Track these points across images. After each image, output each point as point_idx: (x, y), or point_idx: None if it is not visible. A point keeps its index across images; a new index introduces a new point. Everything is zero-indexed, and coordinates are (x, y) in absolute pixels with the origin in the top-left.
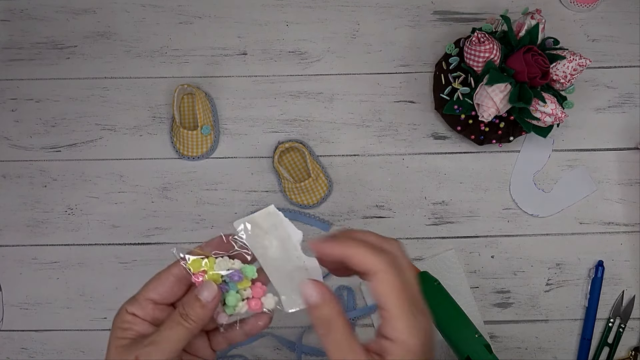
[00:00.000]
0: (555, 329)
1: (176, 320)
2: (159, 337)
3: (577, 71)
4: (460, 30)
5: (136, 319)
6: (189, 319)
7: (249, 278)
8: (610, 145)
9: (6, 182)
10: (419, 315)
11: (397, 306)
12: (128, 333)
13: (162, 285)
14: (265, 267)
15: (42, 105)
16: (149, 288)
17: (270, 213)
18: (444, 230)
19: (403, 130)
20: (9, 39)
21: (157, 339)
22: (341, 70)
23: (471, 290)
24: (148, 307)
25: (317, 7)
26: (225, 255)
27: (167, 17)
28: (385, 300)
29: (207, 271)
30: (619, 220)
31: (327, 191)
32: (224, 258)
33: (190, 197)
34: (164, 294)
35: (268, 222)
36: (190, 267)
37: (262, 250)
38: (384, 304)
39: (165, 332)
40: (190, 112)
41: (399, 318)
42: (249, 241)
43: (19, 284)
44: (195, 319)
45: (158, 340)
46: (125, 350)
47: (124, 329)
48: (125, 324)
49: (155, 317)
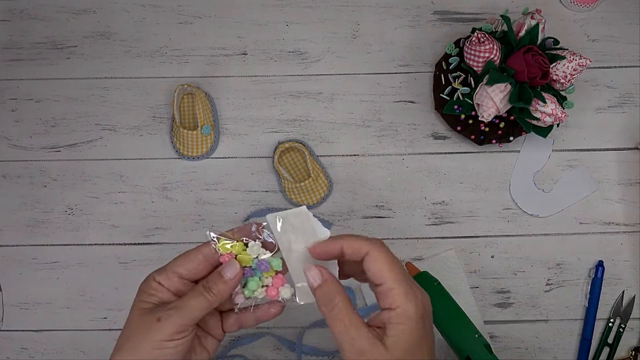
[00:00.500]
0: (555, 329)
1: (199, 291)
2: (182, 303)
3: (577, 71)
4: (460, 30)
5: (161, 287)
6: (210, 292)
7: (274, 269)
8: (610, 145)
9: (6, 182)
10: (413, 286)
11: (392, 278)
12: (152, 298)
13: (191, 262)
14: (287, 260)
15: (42, 105)
16: (177, 263)
17: (302, 212)
18: (444, 230)
19: (403, 130)
20: (9, 39)
21: (180, 304)
22: (341, 70)
23: (471, 290)
24: (174, 279)
25: (317, 7)
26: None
27: (167, 17)
28: (381, 275)
29: (235, 254)
30: (619, 220)
31: (327, 191)
32: (256, 243)
33: (190, 197)
34: (191, 270)
35: (298, 219)
36: (219, 248)
37: (287, 243)
38: (380, 279)
39: (187, 300)
40: (190, 112)
41: (395, 288)
42: (277, 234)
43: (19, 284)
44: (217, 292)
45: (180, 305)
46: (149, 312)
47: (150, 294)
48: (151, 290)
49: (178, 289)
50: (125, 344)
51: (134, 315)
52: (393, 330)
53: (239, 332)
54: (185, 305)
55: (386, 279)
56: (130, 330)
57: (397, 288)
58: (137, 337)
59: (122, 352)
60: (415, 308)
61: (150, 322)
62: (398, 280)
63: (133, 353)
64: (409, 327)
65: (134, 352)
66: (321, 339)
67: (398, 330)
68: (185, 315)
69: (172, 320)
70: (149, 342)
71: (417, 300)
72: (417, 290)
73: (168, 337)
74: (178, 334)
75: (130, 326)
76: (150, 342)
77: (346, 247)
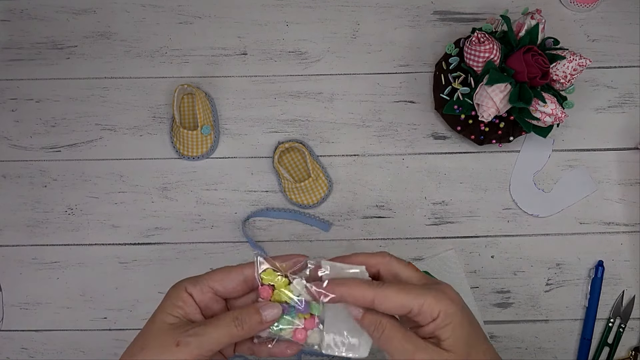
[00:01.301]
0: (555, 329)
1: (227, 322)
2: (203, 332)
3: (577, 71)
4: (460, 30)
5: (190, 300)
6: (241, 326)
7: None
8: (610, 145)
9: (6, 182)
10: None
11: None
12: (178, 311)
13: (231, 281)
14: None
15: (42, 105)
16: (215, 278)
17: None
18: (444, 230)
19: (403, 130)
20: (9, 39)
21: (201, 332)
22: (341, 70)
23: (471, 290)
24: (207, 295)
25: (317, 7)
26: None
27: (167, 17)
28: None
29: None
30: (619, 220)
31: (327, 191)
32: (301, 281)
33: (190, 197)
34: (228, 288)
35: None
36: (262, 277)
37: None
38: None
39: (210, 330)
40: (190, 112)
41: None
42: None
43: (19, 284)
44: (248, 329)
45: (202, 334)
46: (170, 328)
47: (176, 306)
48: (180, 302)
49: (207, 305)
50: (137, 354)
51: (155, 326)
52: (445, 333)
53: None
54: (207, 334)
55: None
56: (146, 342)
57: (427, 301)
58: (151, 353)
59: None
60: (452, 303)
61: (168, 342)
62: (419, 295)
63: None
64: (459, 322)
65: None
66: None
67: (449, 330)
68: (205, 346)
69: (189, 349)
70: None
71: (447, 296)
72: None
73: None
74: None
75: (148, 337)
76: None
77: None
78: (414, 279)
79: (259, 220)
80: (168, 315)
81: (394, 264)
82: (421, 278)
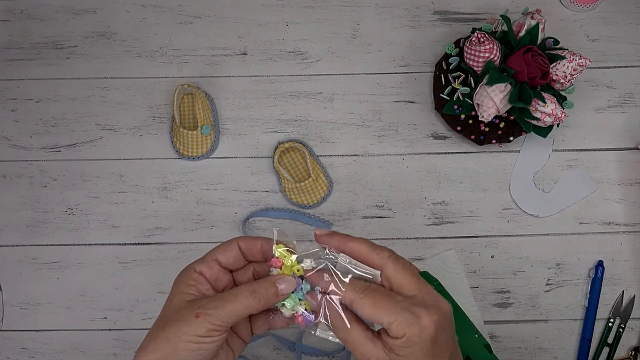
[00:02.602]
0: (555, 329)
1: (245, 295)
2: (223, 304)
3: (577, 71)
4: (460, 30)
5: (201, 279)
6: (257, 298)
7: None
8: (610, 145)
9: (6, 182)
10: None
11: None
12: (192, 289)
13: (230, 251)
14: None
15: (42, 105)
16: (217, 251)
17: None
18: (444, 230)
19: (403, 130)
20: (9, 39)
21: (220, 305)
22: (341, 70)
23: (471, 290)
24: (214, 268)
25: (317, 7)
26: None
27: (167, 17)
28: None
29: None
30: (619, 220)
31: (327, 191)
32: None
33: (190, 197)
34: (230, 259)
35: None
36: (276, 250)
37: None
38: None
39: (229, 302)
40: (190, 112)
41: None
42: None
43: (19, 284)
44: (265, 301)
45: (220, 306)
46: (189, 304)
47: (189, 285)
48: (192, 281)
49: (217, 279)
50: (160, 334)
51: (174, 304)
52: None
53: None
54: (226, 306)
55: (381, 319)
56: (166, 321)
57: (398, 319)
58: (173, 329)
59: (158, 341)
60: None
61: (188, 315)
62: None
63: (168, 343)
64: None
65: (169, 342)
66: (321, 339)
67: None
68: (224, 317)
69: (210, 320)
70: (184, 335)
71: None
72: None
73: (205, 334)
74: (215, 332)
75: (167, 317)
76: (186, 335)
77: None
78: (405, 288)
79: (259, 220)
80: (184, 295)
81: (390, 269)
82: (413, 289)
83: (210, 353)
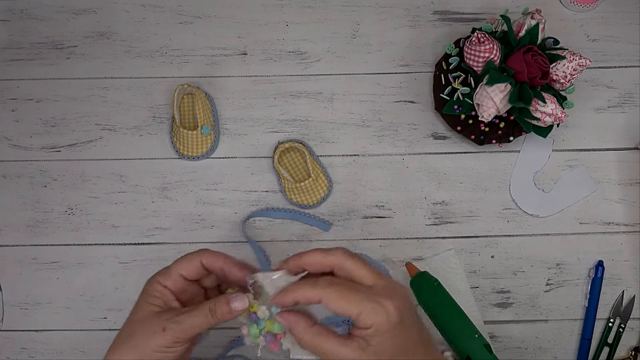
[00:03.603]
0: (555, 329)
1: (204, 312)
2: (184, 319)
3: (577, 71)
4: (460, 30)
5: (166, 291)
6: (215, 315)
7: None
8: (610, 145)
9: (6, 182)
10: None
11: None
12: (158, 301)
13: (193, 267)
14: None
15: (42, 105)
16: (181, 266)
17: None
18: (444, 230)
19: (403, 130)
20: (9, 39)
21: (183, 319)
22: (341, 70)
23: (471, 290)
24: (179, 281)
25: (317, 7)
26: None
27: (167, 17)
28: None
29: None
30: (619, 220)
31: (327, 191)
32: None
33: (190, 197)
34: (192, 272)
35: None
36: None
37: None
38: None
39: (190, 317)
40: (190, 112)
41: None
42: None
43: (19, 284)
44: (220, 317)
45: (183, 321)
46: (156, 316)
47: (155, 297)
48: (157, 293)
49: (183, 290)
50: (128, 341)
51: (142, 314)
52: (374, 340)
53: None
54: (187, 321)
55: (349, 311)
56: (134, 329)
57: (365, 310)
58: (141, 338)
59: (125, 347)
60: (387, 320)
61: (155, 328)
62: (360, 302)
63: (135, 350)
64: (391, 335)
65: (136, 350)
66: None
67: (378, 340)
68: (186, 331)
69: (174, 333)
70: (152, 345)
71: (384, 311)
72: (380, 302)
73: (170, 345)
74: (178, 343)
75: (135, 325)
76: (153, 346)
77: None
78: (365, 279)
79: (259, 220)
80: (150, 305)
81: (348, 264)
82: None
83: (177, 357)
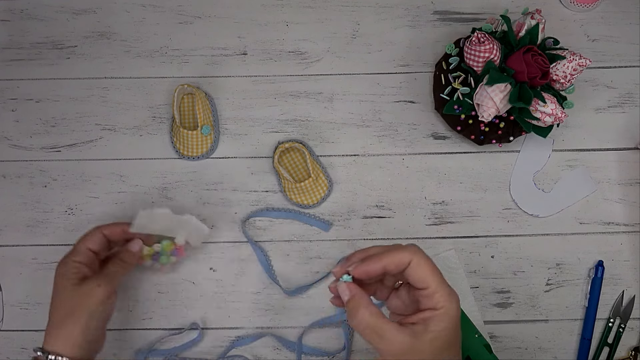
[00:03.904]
0: (555, 329)
1: (118, 263)
2: (109, 272)
3: (577, 71)
4: (460, 30)
5: (80, 265)
6: (124, 260)
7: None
8: (610, 145)
9: (6, 182)
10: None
11: (436, 281)
12: (77, 275)
13: (97, 240)
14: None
15: (42, 105)
16: (86, 241)
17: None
18: (444, 230)
19: (403, 130)
20: (9, 39)
21: (108, 272)
22: (341, 70)
23: (471, 290)
24: (87, 254)
25: (317, 7)
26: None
27: (167, 17)
28: (425, 280)
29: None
30: (619, 220)
31: (327, 191)
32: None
33: (190, 197)
34: (96, 245)
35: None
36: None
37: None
38: (424, 283)
39: (113, 268)
40: (190, 112)
41: (438, 290)
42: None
43: (19, 284)
44: (129, 260)
45: (109, 273)
46: (83, 284)
47: (74, 272)
48: (74, 269)
49: (91, 261)
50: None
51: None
52: (436, 326)
53: (239, 332)
54: (111, 272)
55: (430, 282)
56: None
57: (441, 291)
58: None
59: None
60: (456, 309)
61: (89, 289)
62: (442, 283)
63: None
64: (451, 325)
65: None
66: (321, 339)
67: (440, 327)
68: (113, 279)
69: (107, 284)
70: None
71: (457, 302)
72: (454, 293)
73: (109, 295)
74: (114, 293)
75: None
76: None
77: (389, 264)
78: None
79: (259, 220)
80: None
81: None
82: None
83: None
